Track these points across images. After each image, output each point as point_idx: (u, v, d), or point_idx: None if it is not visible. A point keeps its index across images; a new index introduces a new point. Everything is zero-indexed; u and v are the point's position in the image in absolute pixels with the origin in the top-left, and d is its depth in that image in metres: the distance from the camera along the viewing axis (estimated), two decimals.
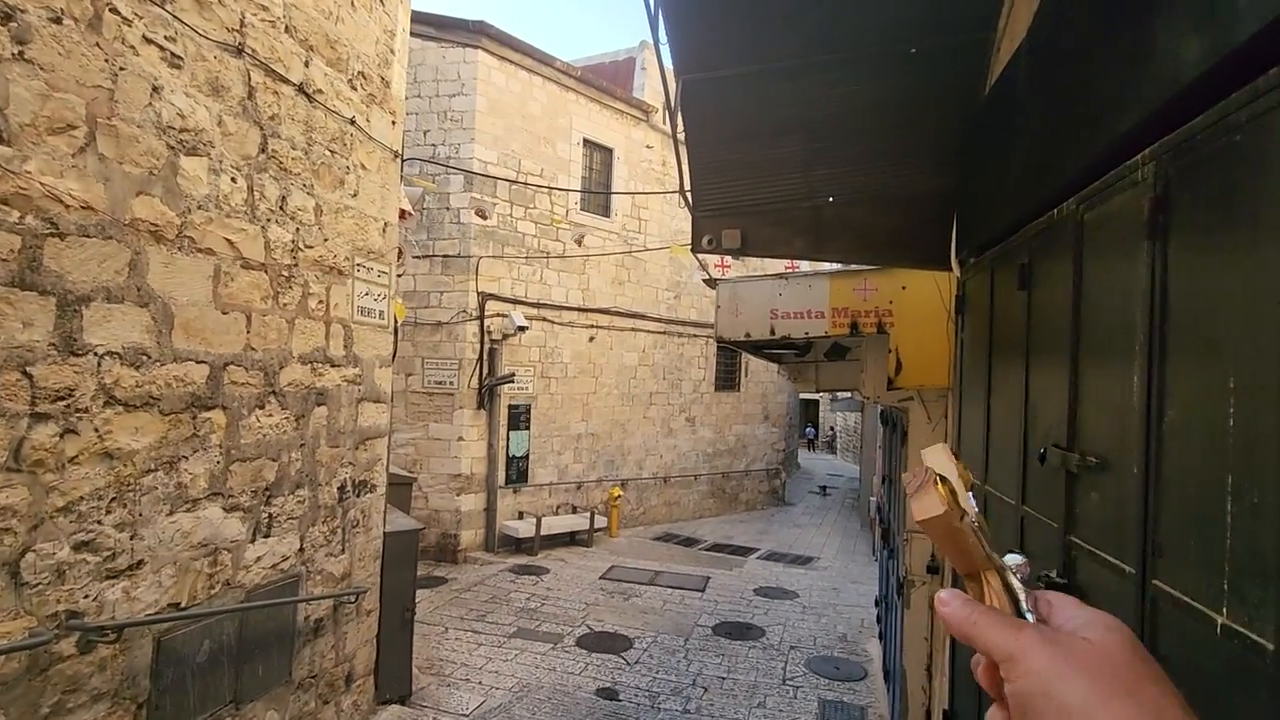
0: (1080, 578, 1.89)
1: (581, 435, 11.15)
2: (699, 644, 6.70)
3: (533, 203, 10.26)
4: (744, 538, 12.09)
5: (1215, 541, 1.29)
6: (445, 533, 9.47)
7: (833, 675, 6.06)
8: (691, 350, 13.25)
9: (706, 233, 3.80)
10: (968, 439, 3.23)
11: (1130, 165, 1.67)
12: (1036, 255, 2.37)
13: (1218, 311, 1.33)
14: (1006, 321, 2.70)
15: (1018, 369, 2.46)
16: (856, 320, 3.91)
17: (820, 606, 8.11)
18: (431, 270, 9.61)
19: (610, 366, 11.61)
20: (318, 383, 3.81)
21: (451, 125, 9.57)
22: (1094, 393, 1.87)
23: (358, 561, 4.26)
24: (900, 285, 3.85)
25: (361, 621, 4.33)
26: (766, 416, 15.38)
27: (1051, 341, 2.17)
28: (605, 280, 11.49)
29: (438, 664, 5.84)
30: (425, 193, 6.61)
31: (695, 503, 13.45)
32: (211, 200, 3.02)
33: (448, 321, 9.52)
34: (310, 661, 3.86)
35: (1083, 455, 1.87)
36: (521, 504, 10.22)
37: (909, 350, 3.80)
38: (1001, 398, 2.70)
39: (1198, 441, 1.37)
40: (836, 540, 12.44)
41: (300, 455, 3.69)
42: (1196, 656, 1.33)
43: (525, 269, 10.22)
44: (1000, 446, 2.68)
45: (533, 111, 10.24)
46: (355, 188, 4.09)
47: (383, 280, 4.42)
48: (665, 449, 12.73)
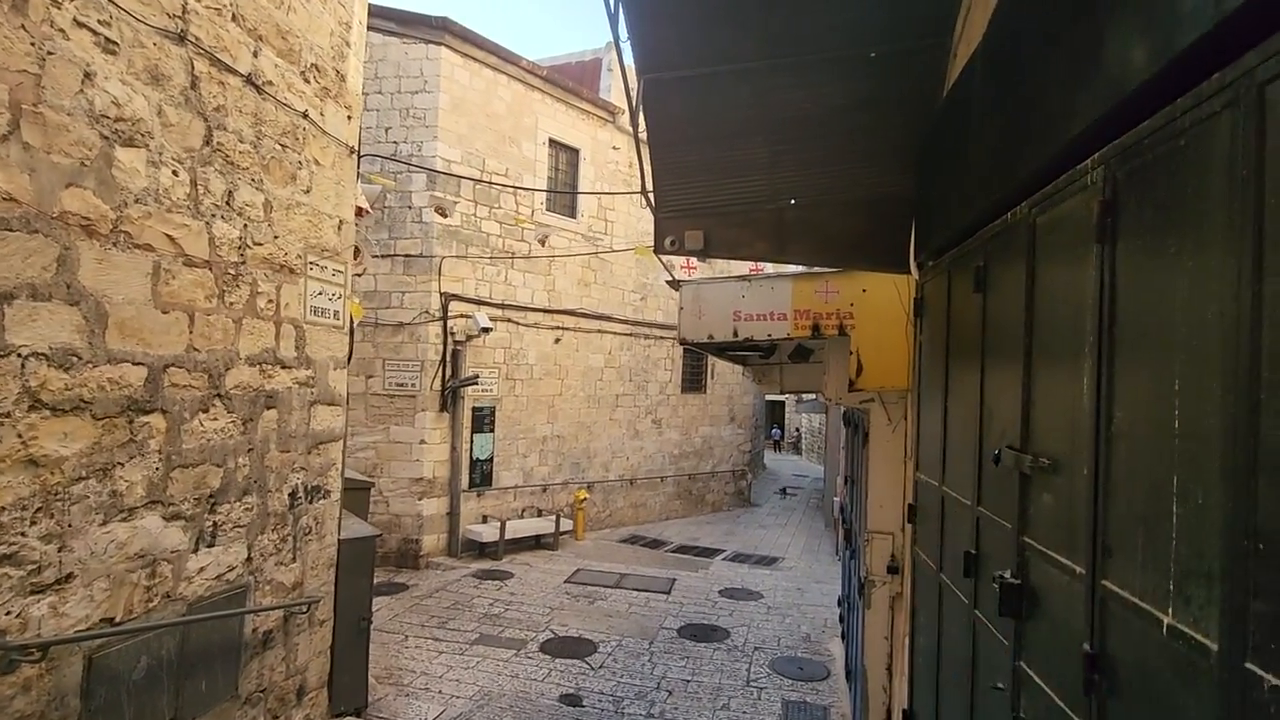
0: (1034, 578, 1.91)
1: (547, 438, 11.04)
2: (664, 647, 6.67)
3: (497, 202, 10.13)
4: (710, 539, 12.12)
5: (1161, 542, 1.30)
6: (407, 538, 9.28)
7: (796, 676, 6.09)
8: (658, 352, 13.24)
9: (669, 233, 3.77)
10: (926, 441, 3.26)
11: (1080, 169, 1.69)
12: (992, 258, 2.40)
13: (1163, 314, 1.34)
14: (963, 324, 2.73)
15: (973, 371, 2.49)
16: (818, 322, 3.93)
17: (785, 607, 8.16)
18: (393, 270, 9.41)
19: (576, 368, 11.53)
20: (267, 385, 3.67)
21: (414, 123, 9.39)
22: (1046, 395, 1.89)
23: (310, 570, 4.12)
24: (861, 288, 3.88)
25: (314, 632, 4.19)
26: (733, 418, 15.46)
27: (1006, 344, 2.20)
28: (571, 281, 11.41)
29: (396, 673, 5.70)
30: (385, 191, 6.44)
31: (662, 504, 13.44)
32: (150, 194, 2.88)
33: (410, 322, 9.33)
34: (259, 675, 3.72)
35: (1035, 457, 1.89)
36: (486, 508, 10.07)
37: (869, 352, 3.83)
38: (958, 400, 2.73)
39: (1145, 443, 1.38)
40: (801, 540, 12.56)
41: (248, 460, 3.54)
42: (1145, 656, 1.34)
43: (490, 269, 10.08)
44: (957, 448, 2.71)
45: (497, 110, 10.11)
46: (308, 183, 3.96)
47: (337, 279, 4.29)
48: (632, 451, 12.69)
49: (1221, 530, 1.12)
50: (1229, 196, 1.14)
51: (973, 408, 2.45)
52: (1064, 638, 1.67)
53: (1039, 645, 1.85)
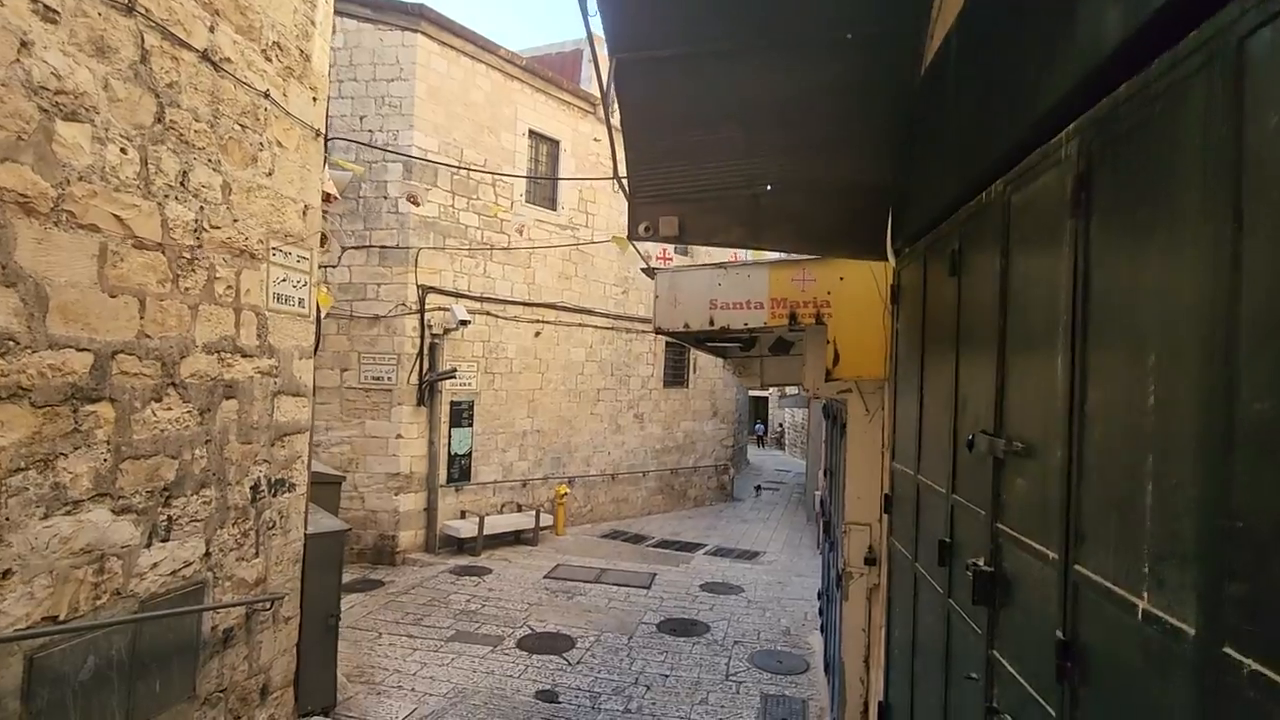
0: (1007, 565, 1.86)
1: (527, 432, 10.93)
2: (643, 642, 6.61)
3: (476, 194, 9.98)
4: (692, 534, 12.08)
5: (1136, 525, 1.25)
6: (383, 534, 9.13)
7: (775, 669, 6.06)
8: (640, 346, 13.17)
9: (644, 219, 3.69)
10: (902, 430, 3.22)
11: (1054, 144, 1.63)
12: (966, 241, 2.35)
13: (1139, 293, 1.28)
14: (938, 309, 2.68)
15: (948, 357, 2.44)
16: (795, 311, 3.87)
17: (765, 601, 8.14)
18: (368, 261, 9.24)
19: (557, 362, 11.42)
20: (226, 374, 3.54)
21: (390, 111, 9.21)
22: (1020, 378, 1.84)
23: (274, 566, 4.00)
24: (838, 276, 3.83)
25: (279, 630, 4.07)
26: (715, 413, 15.43)
27: (980, 328, 2.15)
28: (551, 274, 11.29)
29: (368, 671, 5.58)
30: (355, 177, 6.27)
31: (643, 499, 13.38)
32: (96, 171, 2.75)
33: (385, 315, 9.17)
34: (219, 674, 3.59)
35: (1009, 441, 1.84)
36: (464, 503, 9.95)
37: (846, 341, 3.78)
38: (933, 386, 2.68)
39: (1119, 424, 1.33)
40: (783, 535, 12.57)
41: (206, 452, 3.42)
42: (1119, 642, 1.29)
43: (468, 261, 9.93)
44: (932, 435, 2.66)
45: (475, 100, 9.96)
46: (270, 166, 3.82)
47: (303, 266, 4.16)
48: (613, 446, 12.61)
49: (1197, 511, 1.07)
50: (1205, 163, 1.09)
51: (947, 394, 2.40)
52: (1037, 625, 1.62)
53: (1012, 633, 1.80)
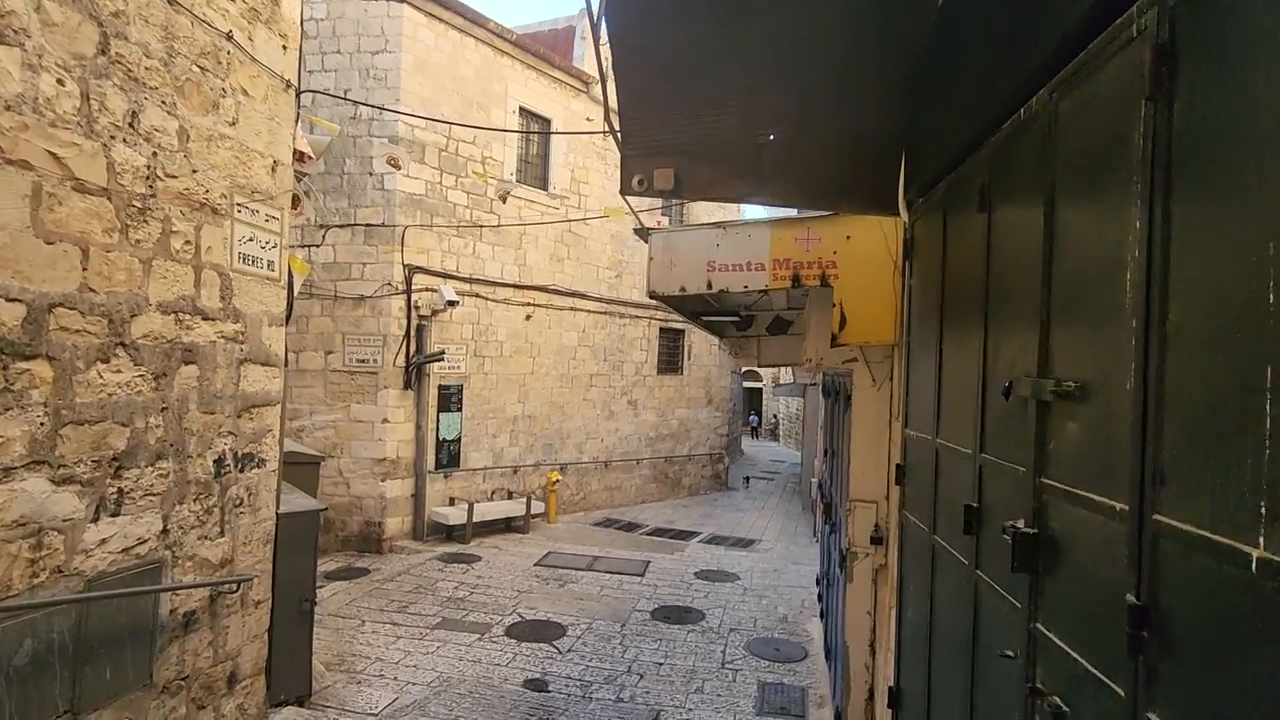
0: (1054, 525, 1.62)
1: (518, 417, 10.67)
2: (636, 629, 6.38)
3: (464, 171, 9.68)
4: (686, 522, 11.87)
5: (1245, 456, 1.01)
6: (369, 521, 8.86)
7: (773, 657, 5.84)
8: (634, 331, 12.91)
9: (636, 172, 3.43)
10: (917, 394, 2.98)
11: (1124, 21, 1.38)
12: (997, 171, 2.10)
13: (1247, 153, 1.03)
14: (962, 255, 2.44)
15: (975, 304, 2.20)
16: (799, 272, 3.63)
17: (761, 588, 7.93)
18: (354, 240, 8.94)
19: (549, 346, 11.15)
20: (185, 337, 3.26)
21: (374, 84, 8.89)
22: (1071, 308, 1.60)
23: (242, 546, 3.73)
24: (845, 234, 3.58)
25: (248, 614, 3.81)
26: (710, 400, 15.21)
27: (1017, 262, 1.90)
28: (543, 256, 11.01)
29: (349, 660, 5.33)
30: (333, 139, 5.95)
31: (637, 487, 13.15)
32: (27, 102, 2.46)
33: (371, 295, 8.88)
34: (180, 661, 3.33)
35: (1058, 381, 1.60)
36: (453, 489, 9.69)
37: (854, 304, 3.54)
38: (956, 340, 2.44)
39: (1222, 334, 1.09)
40: (779, 523, 12.37)
41: (162, 421, 3.15)
42: (1219, 602, 1.06)
43: (457, 241, 9.64)
44: (955, 393, 2.43)
45: (464, 74, 9.64)
46: (234, 115, 3.54)
47: (272, 226, 3.88)
48: (606, 432, 12.37)
49: None
50: None
51: (974, 344, 2.16)
52: (1098, 590, 1.38)
53: (1063, 602, 1.56)
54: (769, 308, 7.09)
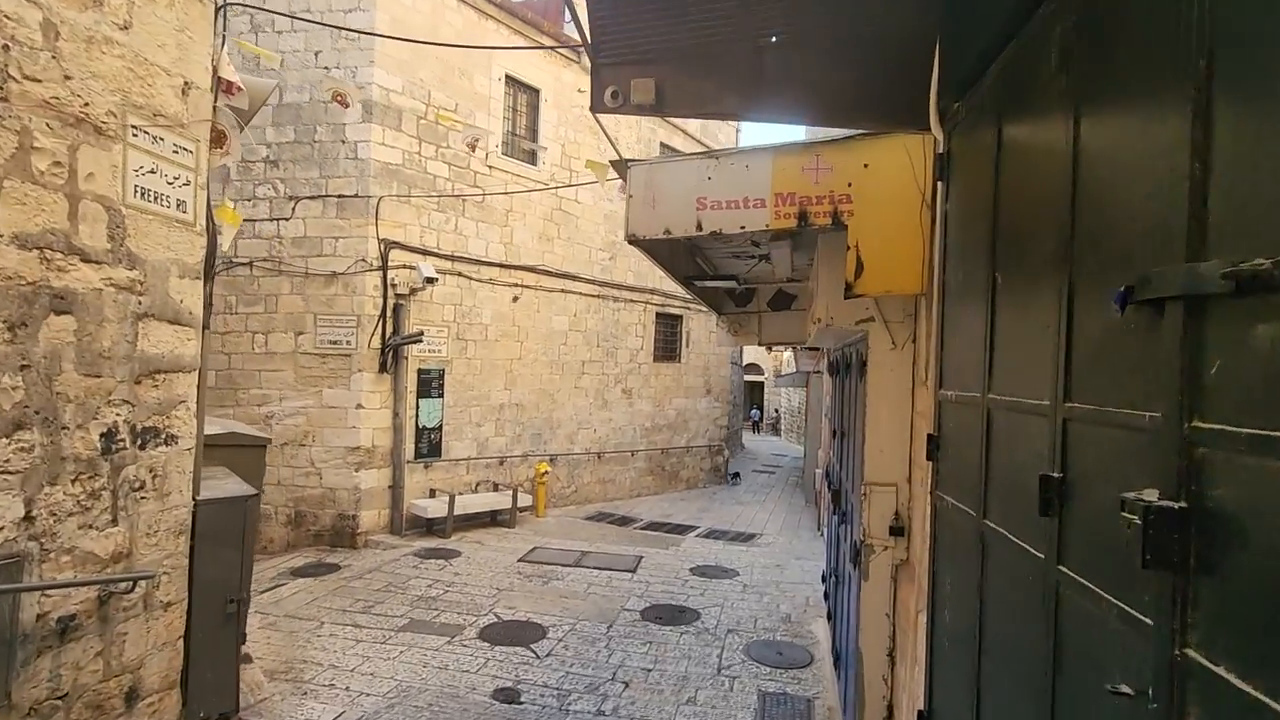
0: (1222, 494, 1.03)
1: (505, 405, 10.08)
2: (624, 631, 5.80)
3: (445, 141, 9.07)
4: (683, 515, 11.29)
5: None
6: (342, 514, 8.29)
7: (775, 662, 5.26)
8: (628, 316, 12.31)
9: (610, 83, 2.83)
10: (956, 347, 2.38)
11: None
12: (1086, 17, 1.51)
13: None
14: (1027, 150, 1.84)
15: (1053, 207, 1.61)
16: (806, 209, 3.02)
17: (762, 585, 7.34)
18: (325, 213, 8.34)
19: (537, 330, 10.56)
20: (56, 280, 2.67)
21: (346, 45, 8.28)
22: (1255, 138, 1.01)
23: (144, 538, 3.14)
24: (861, 163, 2.97)
25: (153, 618, 3.23)
26: (709, 390, 14.61)
27: (1141, 93, 1.31)
28: (532, 235, 10.40)
29: (298, 667, 4.75)
30: (276, 84, 5.32)
31: (632, 480, 12.56)
32: None
33: (344, 272, 8.28)
34: (54, 676, 2.75)
35: (1235, 264, 1.01)
36: (434, 481, 9.11)
37: (872, 246, 2.93)
38: (1019, 260, 1.85)
39: None
40: (781, 516, 11.78)
41: (22, 382, 2.56)
42: None
43: (437, 216, 9.04)
44: (1019, 333, 1.82)
45: (445, 37, 9.01)
46: (126, 17, 2.94)
47: (184, 160, 3.28)
48: (599, 422, 11.78)
49: None
50: None
51: (1050, 253, 1.57)
52: None
53: (1240, 620, 0.97)
54: (771, 279, 6.49)
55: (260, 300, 8.41)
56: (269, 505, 8.29)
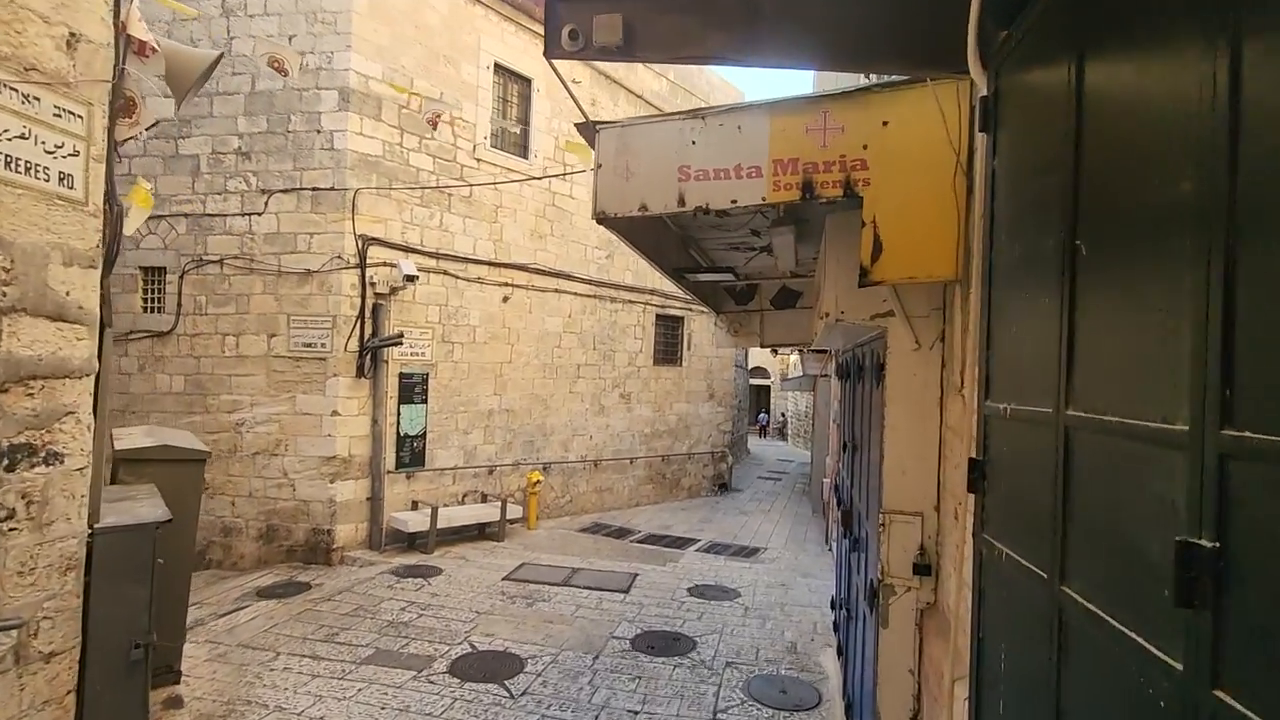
0: None
1: (494, 411, 9.55)
2: (611, 663, 5.24)
3: (430, 132, 8.56)
4: (683, 527, 10.71)
5: None
6: (316, 528, 7.76)
7: (778, 702, 4.68)
8: (626, 318, 11.77)
9: (569, 21, 2.29)
10: (1009, 349, 1.82)
11: None
12: None
13: None
14: (1141, 76, 1.29)
15: (1191, 143, 1.06)
16: (811, 178, 2.47)
17: (765, 607, 6.76)
18: (299, 207, 7.84)
19: (529, 332, 10.03)
20: None
21: (323, 29, 7.79)
22: None
23: (13, 576, 2.62)
24: (879, 120, 2.42)
25: (28, 672, 2.70)
26: (712, 395, 14.04)
27: None
28: (523, 232, 9.88)
29: (239, 710, 4.21)
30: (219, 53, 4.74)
31: (631, 489, 12.00)
32: None
33: (319, 270, 7.77)
34: None
35: None
36: (417, 492, 8.58)
37: (893, 222, 2.38)
38: (1122, 226, 1.29)
39: None
40: (786, 528, 11.19)
41: None
42: None
43: (420, 211, 8.53)
44: (1120, 323, 1.27)
45: (429, 22, 8.53)
46: None
47: (70, 126, 2.77)
48: (596, 429, 11.23)
49: None
50: None
51: (1185, 207, 1.03)
52: None
53: None
54: (773, 273, 5.94)
55: (231, 300, 7.91)
56: (239, 519, 7.80)
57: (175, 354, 7.98)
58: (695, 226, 4.44)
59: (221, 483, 7.83)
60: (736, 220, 4.17)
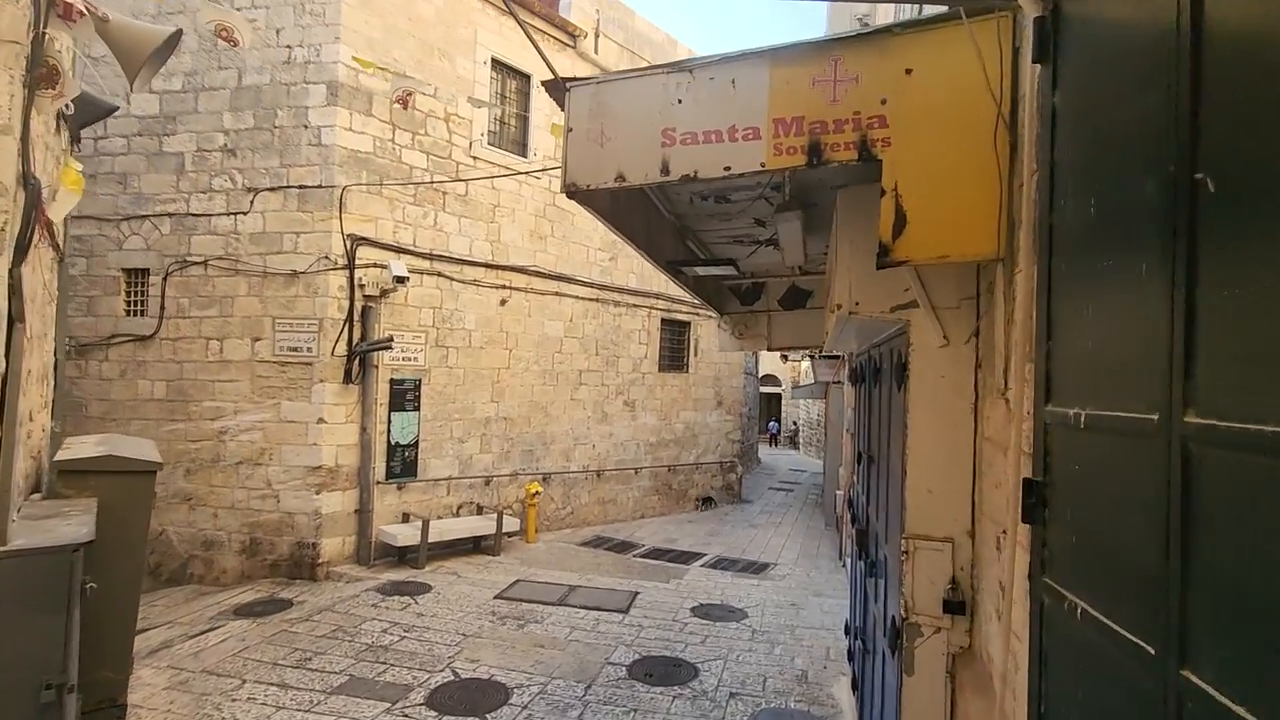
0: None
1: (491, 419, 9.16)
2: (605, 693, 4.81)
3: (423, 128, 8.25)
4: (689, 540, 10.26)
5: None
6: (301, 541, 7.39)
7: None
8: (630, 322, 11.37)
9: None
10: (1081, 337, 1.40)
11: None
12: None
13: None
14: None
15: None
16: (819, 139, 2.06)
17: (775, 630, 6.30)
18: (285, 205, 7.52)
19: (528, 337, 9.65)
20: None
21: (311, 21, 7.50)
22: None
23: None
24: (902, 67, 2.01)
25: None
26: (720, 402, 13.60)
27: None
28: (522, 233, 9.53)
29: None
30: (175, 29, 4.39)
31: (636, 500, 11.57)
32: None
33: (305, 271, 7.44)
34: None
35: None
36: (409, 504, 8.20)
37: (919, 190, 1.97)
38: (1260, 159, 0.88)
39: None
40: (798, 543, 10.70)
41: None
42: None
43: (413, 210, 8.19)
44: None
45: (423, 14, 8.23)
46: None
47: None
48: (599, 437, 10.81)
49: None
50: None
51: None
52: None
53: None
54: (780, 270, 5.52)
55: (215, 303, 7.59)
56: (221, 532, 7.45)
57: (157, 359, 7.67)
58: (693, 216, 4.04)
59: (204, 494, 7.49)
60: (738, 207, 3.77)
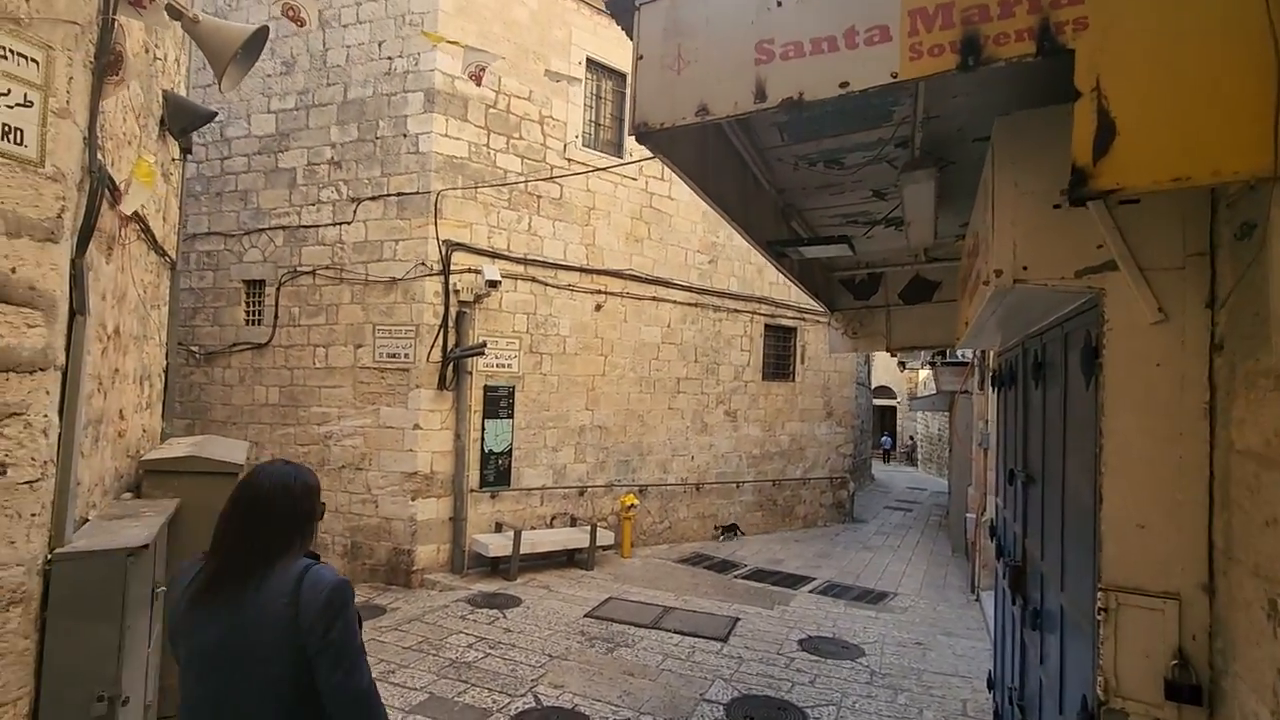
0: None
1: (585, 428, 8.89)
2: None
3: (518, 131, 8.16)
4: (796, 562, 9.48)
5: None
6: (397, 547, 7.39)
7: None
8: (732, 328, 10.79)
9: None
10: None
11: None
12: None
13: None
14: None
15: None
16: (977, 29, 1.48)
17: (897, 673, 5.49)
18: (385, 214, 7.63)
19: (624, 343, 9.32)
20: None
21: (410, 31, 7.60)
22: None
23: None
24: None
25: None
26: (830, 413, 12.67)
27: None
28: (617, 235, 9.24)
29: None
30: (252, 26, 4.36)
31: (737, 516, 10.90)
32: None
33: (403, 278, 7.49)
34: None
35: None
36: (502, 513, 8.04)
37: (1136, 85, 1.34)
38: None
39: None
40: (920, 570, 9.63)
41: None
42: None
43: (508, 214, 8.10)
44: None
45: (518, 18, 8.16)
46: None
47: (21, 72, 2.32)
48: (698, 448, 10.28)
49: None
50: None
51: None
52: None
53: None
54: (902, 258, 4.80)
55: (322, 311, 7.82)
56: (326, 535, 7.59)
57: (271, 365, 8.00)
58: (797, 190, 3.48)
59: None
60: (852, 175, 3.17)
